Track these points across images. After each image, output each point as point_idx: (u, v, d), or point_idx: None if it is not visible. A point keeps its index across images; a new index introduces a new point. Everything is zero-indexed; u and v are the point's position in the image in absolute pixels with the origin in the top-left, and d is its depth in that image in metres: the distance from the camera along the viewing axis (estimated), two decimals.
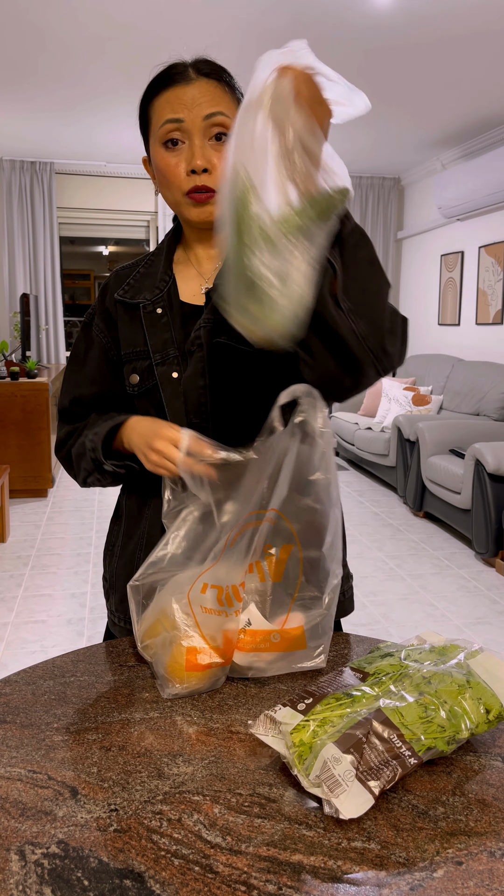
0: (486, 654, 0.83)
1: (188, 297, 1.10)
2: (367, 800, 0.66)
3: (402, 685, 0.77)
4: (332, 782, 0.67)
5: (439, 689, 0.76)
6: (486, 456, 3.71)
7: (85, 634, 2.94)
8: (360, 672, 0.83)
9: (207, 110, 1.00)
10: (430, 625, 3.08)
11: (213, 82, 1.01)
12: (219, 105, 1.01)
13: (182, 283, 1.12)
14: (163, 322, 1.07)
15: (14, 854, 0.62)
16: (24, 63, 4.02)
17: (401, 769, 0.69)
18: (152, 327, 1.08)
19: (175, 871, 0.60)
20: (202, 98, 1.00)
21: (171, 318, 1.08)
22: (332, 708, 0.76)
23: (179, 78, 1.01)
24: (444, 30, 3.50)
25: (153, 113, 1.03)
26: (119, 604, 1.14)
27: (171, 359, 1.06)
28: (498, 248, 5.23)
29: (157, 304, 1.08)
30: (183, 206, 1.04)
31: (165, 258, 1.12)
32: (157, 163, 1.04)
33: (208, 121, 1.00)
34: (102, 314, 1.14)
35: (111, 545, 1.19)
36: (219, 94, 1.01)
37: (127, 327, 1.10)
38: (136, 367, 1.09)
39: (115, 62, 3.99)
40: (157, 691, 0.90)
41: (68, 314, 9.44)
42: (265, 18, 3.42)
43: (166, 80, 1.02)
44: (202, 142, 1.00)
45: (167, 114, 1.01)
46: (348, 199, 0.84)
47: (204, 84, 1.01)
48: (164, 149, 1.02)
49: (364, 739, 0.70)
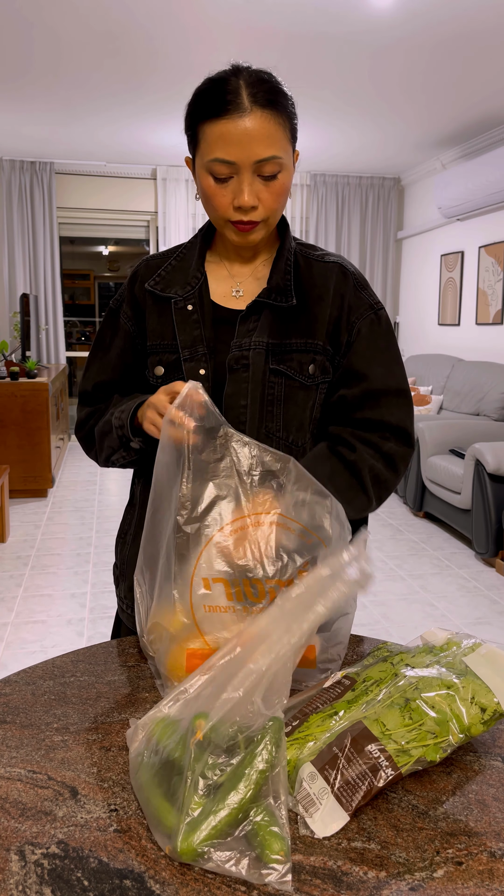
0: (491, 651, 0.80)
1: (218, 298, 1.11)
2: (341, 817, 0.66)
3: (388, 692, 0.76)
4: (308, 801, 0.67)
5: (426, 693, 0.74)
6: (486, 456, 3.71)
7: (85, 634, 2.94)
8: (350, 679, 0.82)
9: (261, 154, 0.96)
10: (431, 625, 3.08)
11: (267, 114, 0.96)
12: (273, 147, 0.97)
13: (213, 282, 1.12)
14: (193, 319, 1.08)
15: (14, 854, 0.62)
16: (24, 63, 4.02)
17: (380, 782, 0.68)
18: (182, 323, 1.08)
19: (175, 871, 0.60)
20: (257, 138, 0.95)
21: (202, 315, 1.09)
22: (316, 723, 0.75)
23: (233, 109, 0.95)
24: (444, 30, 3.50)
25: (202, 138, 0.99)
26: (129, 591, 1.15)
27: (199, 356, 1.07)
28: (498, 248, 5.23)
29: (188, 301, 1.09)
30: (225, 229, 1.05)
31: (198, 254, 1.12)
32: (203, 186, 1.02)
33: (260, 164, 0.97)
34: (131, 301, 1.14)
35: (124, 532, 1.20)
36: (273, 131, 0.97)
37: (155, 319, 1.11)
38: (163, 359, 1.10)
39: (116, 62, 3.99)
40: (156, 691, 0.90)
41: (68, 314, 9.45)
42: (265, 19, 3.42)
43: (218, 107, 0.96)
44: (251, 178, 0.98)
45: (218, 151, 0.97)
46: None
47: (258, 118, 0.95)
48: (211, 178, 1.00)
49: (340, 755, 0.69)
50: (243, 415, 1.07)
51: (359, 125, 5.14)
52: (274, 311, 1.08)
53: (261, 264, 1.14)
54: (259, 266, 1.14)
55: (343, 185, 6.79)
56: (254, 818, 0.63)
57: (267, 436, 1.08)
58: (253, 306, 1.08)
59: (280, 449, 1.09)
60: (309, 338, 1.09)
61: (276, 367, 1.07)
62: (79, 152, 6.06)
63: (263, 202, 1.00)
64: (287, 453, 1.09)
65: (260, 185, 0.99)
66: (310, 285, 1.11)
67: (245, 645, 0.76)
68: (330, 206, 6.78)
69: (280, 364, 1.08)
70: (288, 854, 0.60)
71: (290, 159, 1.03)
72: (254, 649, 0.74)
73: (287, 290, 1.08)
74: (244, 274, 1.13)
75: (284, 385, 1.08)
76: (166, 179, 6.52)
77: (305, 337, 1.09)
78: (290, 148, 1.03)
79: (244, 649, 0.75)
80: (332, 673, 0.87)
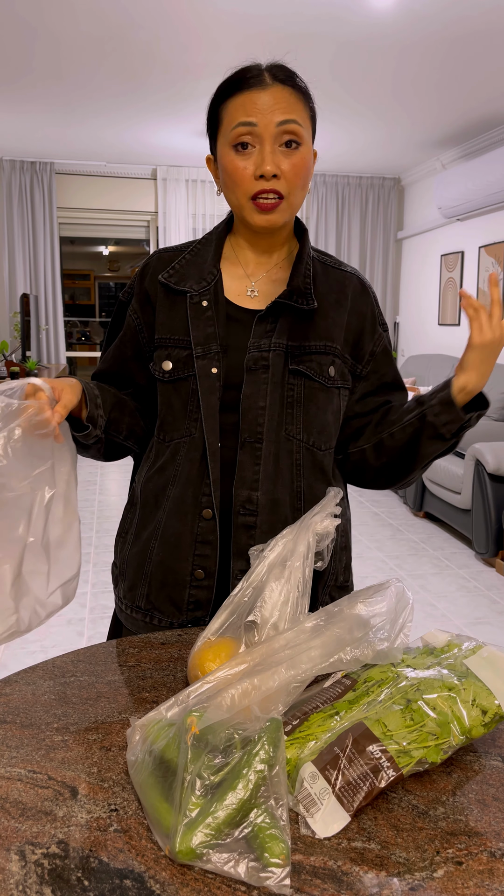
0: (493, 654, 0.80)
1: (232, 296, 1.11)
2: (342, 818, 0.66)
3: (389, 693, 0.76)
4: (309, 801, 0.67)
5: (427, 695, 0.74)
6: (486, 456, 3.70)
7: (85, 634, 2.94)
8: (350, 679, 0.82)
9: (281, 117, 1.00)
10: (431, 625, 3.08)
11: (287, 89, 1.02)
12: (293, 112, 1.01)
13: (227, 279, 1.12)
14: (207, 315, 1.08)
15: (14, 854, 0.62)
16: (24, 63, 4.02)
17: (381, 783, 0.68)
18: (196, 319, 1.08)
19: (175, 871, 0.60)
20: (276, 104, 1.00)
21: (216, 312, 1.08)
22: (317, 722, 0.75)
23: (255, 82, 1.01)
24: (444, 30, 3.50)
25: (224, 114, 1.03)
26: (128, 591, 1.14)
27: (212, 354, 1.07)
28: (498, 248, 5.23)
29: (203, 297, 1.08)
30: (246, 211, 1.05)
31: (215, 251, 1.12)
32: (225, 164, 1.04)
33: (281, 127, 1.00)
34: (139, 295, 1.14)
35: (124, 532, 1.19)
36: (293, 102, 1.02)
37: (166, 312, 1.10)
38: (172, 354, 1.08)
39: (115, 62, 3.99)
40: (157, 691, 0.90)
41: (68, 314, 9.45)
42: (265, 19, 3.42)
43: (241, 83, 1.02)
44: (273, 147, 1.01)
45: (240, 116, 1.01)
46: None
47: (279, 90, 1.01)
48: (233, 151, 1.02)
49: (341, 755, 0.69)
50: (261, 416, 1.06)
51: (359, 125, 5.14)
52: (292, 315, 1.08)
53: (277, 266, 1.14)
54: (275, 268, 1.14)
55: (343, 185, 6.79)
56: (254, 820, 0.63)
57: (287, 438, 1.08)
58: (273, 307, 1.07)
59: (300, 451, 1.09)
60: (328, 341, 1.10)
61: (296, 367, 1.07)
62: (79, 152, 6.06)
63: (285, 174, 1.02)
64: (309, 456, 1.09)
65: (281, 157, 1.01)
66: (327, 290, 1.11)
67: (258, 661, 0.76)
68: (330, 206, 6.78)
69: (300, 365, 1.07)
70: (288, 857, 0.60)
71: (310, 137, 1.06)
72: (265, 668, 0.74)
73: (308, 293, 1.08)
74: (259, 274, 1.13)
75: (304, 386, 1.08)
76: (166, 179, 6.52)
77: (324, 340, 1.09)
78: (309, 126, 1.06)
79: (255, 665, 0.76)
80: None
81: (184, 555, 1.07)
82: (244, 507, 1.06)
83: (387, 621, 0.83)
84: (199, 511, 1.07)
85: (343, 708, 0.77)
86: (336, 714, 0.76)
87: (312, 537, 0.91)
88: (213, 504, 1.06)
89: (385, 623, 0.83)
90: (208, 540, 1.06)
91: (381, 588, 0.87)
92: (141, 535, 1.14)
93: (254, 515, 1.06)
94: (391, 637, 0.82)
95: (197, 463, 1.07)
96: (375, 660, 0.80)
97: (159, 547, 1.09)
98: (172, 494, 1.09)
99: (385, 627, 0.83)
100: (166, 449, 1.10)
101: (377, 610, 0.84)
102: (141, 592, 1.12)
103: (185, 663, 0.96)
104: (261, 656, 0.78)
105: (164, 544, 1.09)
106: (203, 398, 1.06)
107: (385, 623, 0.83)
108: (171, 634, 1.05)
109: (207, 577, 1.07)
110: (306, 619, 0.82)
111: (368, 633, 0.81)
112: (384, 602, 0.85)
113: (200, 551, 1.07)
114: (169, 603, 1.09)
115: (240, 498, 1.06)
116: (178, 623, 1.09)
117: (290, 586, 0.88)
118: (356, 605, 0.83)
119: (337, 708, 0.77)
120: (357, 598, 0.85)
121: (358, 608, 0.83)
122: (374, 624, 0.82)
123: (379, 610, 0.84)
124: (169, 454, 1.10)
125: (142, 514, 1.14)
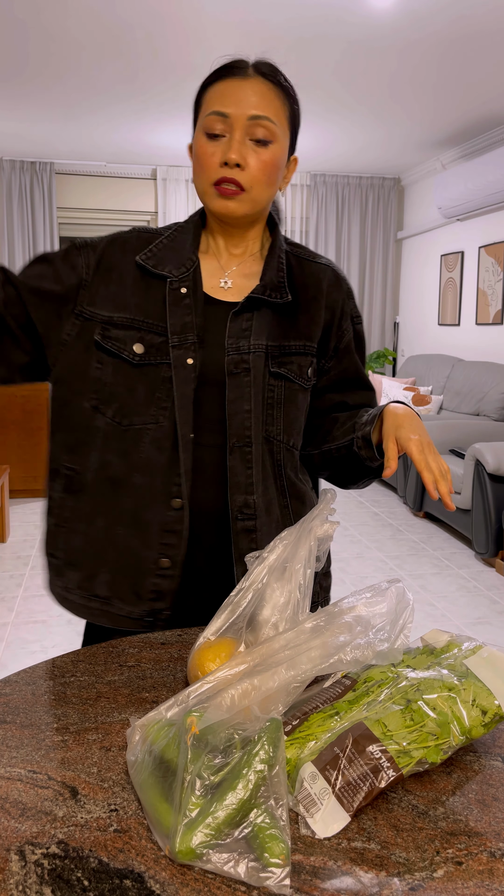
0: (493, 654, 0.81)
1: (207, 288, 1.10)
2: (342, 818, 0.66)
3: (389, 693, 0.76)
4: (308, 801, 0.67)
5: (427, 695, 0.74)
6: (486, 456, 3.71)
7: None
8: (350, 679, 0.82)
9: (254, 111, 1.00)
10: (431, 625, 3.08)
11: (268, 84, 1.02)
12: (267, 109, 1.01)
13: (203, 270, 1.11)
14: (185, 303, 1.06)
15: (14, 854, 0.62)
16: (24, 63, 4.02)
17: (381, 783, 0.68)
18: (174, 306, 1.06)
19: (175, 871, 0.60)
20: (253, 97, 1.01)
21: (195, 301, 1.07)
22: (317, 723, 0.75)
23: (237, 72, 1.02)
24: (444, 30, 3.50)
25: (204, 100, 1.05)
26: (84, 580, 1.08)
27: (188, 344, 1.05)
28: (498, 248, 5.23)
29: (182, 283, 1.07)
30: (208, 196, 1.05)
31: (193, 238, 1.11)
32: (196, 149, 1.05)
33: (252, 122, 1.01)
34: (100, 258, 1.08)
35: (64, 521, 1.10)
36: (271, 98, 1.02)
37: (140, 294, 1.07)
38: (145, 339, 1.05)
39: (116, 62, 3.99)
40: (157, 691, 0.90)
41: None
42: (265, 19, 3.42)
43: (224, 70, 1.03)
44: (242, 138, 1.01)
45: (215, 105, 1.02)
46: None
47: (259, 83, 1.02)
48: (205, 137, 1.03)
49: (341, 755, 0.69)
50: (248, 419, 1.05)
51: (359, 125, 5.14)
52: (269, 311, 1.08)
53: (250, 259, 1.13)
54: (248, 260, 1.13)
55: (343, 186, 6.79)
56: (254, 820, 0.63)
57: (267, 439, 1.07)
58: (247, 303, 1.06)
59: (281, 452, 1.09)
60: (307, 340, 1.09)
61: (277, 370, 1.07)
62: (79, 152, 6.06)
63: (250, 168, 1.02)
64: (289, 456, 1.10)
65: (249, 150, 1.02)
66: (303, 285, 1.10)
67: (258, 661, 0.76)
68: (330, 206, 6.78)
69: (281, 367, 1.07)
70: (288, 858, 0.60)
71: (285, 140, 1.05)
72: (265, 669, 0.74)
73: (281, 286, 1.07)
74: (231, 266, 1.12)
75: (285, 388, 1.08)
76: (166, 179, 6.52)
77: (304, 339, 1.09)
78: (286, 128, 1.05)
79: (255, 665, 0.76)
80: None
81: (150, 542, 1.05)
82: (242, 511, 1.05)
83: (387, 622, 0.83)
84: (168, 500, 1.05)
85: (343, 708, 0.77)
86: (336, 714, 0.76)
87: (314, 541, 0.91)
88: (182, 494, 1.04)
89: (385, 624, 0.83)
90: (175, 529, 1.05)
91: (382, 589, 0.87)
92: (95, 521, 1.08)
93: (253, 519, 1.05)
94: (391, 638, 0.82)
95: (168, 452, 1.04)
96: (376, 660, 0.80)
97: (124, 533, 1.06)
98: (138, 482, 1.05)
99: (385, 628, 0.83)
100: (123, 433, 1.06)
101: (377, 610, 0.84)
102: (101, 580, 1.07)
103: (185, 663, 0.96)
104: (261, 657, 0.78)
105: (129, 531, 1.06)
106: (177, 388, 1.04)
107: (385, 624, 0.83)
108: (171, 634, 1.05)
109: (172, 567, 1.05)
110: (306, 620, 0.82)
111: (369, 634, 0.81)
112: (384, 603, 0.85)
113: (167, 540, 1.05)
114: (129, 590, 1.06)
115: (236, 503, 1.05)
116: (136, 613, 1.07)
117: (291, 587, 0.88)
118: (356, 606, 0.83)
119: (337, 708, 0.77)
120: (357, 598, 0.85)
121: (358, 609, 0.83)
122: (374, 624, 0.82)
123: (379, 610, 0.84)
124: (131, 440, 1.05)
125: (96, 501, 1.08)
